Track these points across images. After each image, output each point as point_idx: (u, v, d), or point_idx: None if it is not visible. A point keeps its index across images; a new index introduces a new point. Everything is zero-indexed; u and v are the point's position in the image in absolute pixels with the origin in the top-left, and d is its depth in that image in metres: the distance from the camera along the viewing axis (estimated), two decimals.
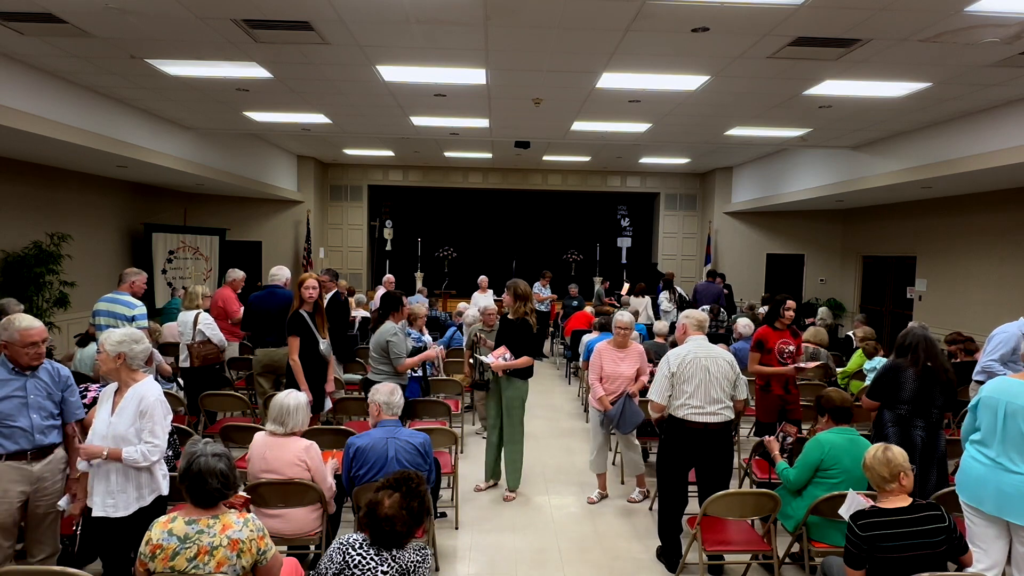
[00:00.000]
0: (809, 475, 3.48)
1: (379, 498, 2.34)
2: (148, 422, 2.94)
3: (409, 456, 3.48)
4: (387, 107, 7.31)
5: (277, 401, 3.44)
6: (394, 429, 3.58)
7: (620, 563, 3.97)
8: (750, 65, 5.37)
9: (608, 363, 4.80)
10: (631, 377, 4.80)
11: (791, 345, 4.83)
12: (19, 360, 3.02)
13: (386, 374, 4.92)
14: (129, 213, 10.25)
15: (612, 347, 4.88)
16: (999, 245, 8.50)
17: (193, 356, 5.51)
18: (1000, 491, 2.98)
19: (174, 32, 4.87)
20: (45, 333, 3.08)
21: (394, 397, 3.68)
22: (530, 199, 14.37)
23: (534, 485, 5.19)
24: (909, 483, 2.69)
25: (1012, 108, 6.23)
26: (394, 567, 2.28)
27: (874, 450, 2.74)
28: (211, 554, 2.29)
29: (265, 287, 5.84)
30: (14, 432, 3.02)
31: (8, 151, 7.08)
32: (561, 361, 10.17)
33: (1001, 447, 3.03)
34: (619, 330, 4.83)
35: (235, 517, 2.39)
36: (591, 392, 4.89)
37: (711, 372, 3.74)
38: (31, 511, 3.12)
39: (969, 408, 3.29)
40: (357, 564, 2.25)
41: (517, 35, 4.84)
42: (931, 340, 3.77)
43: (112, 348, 2.97)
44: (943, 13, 4.15)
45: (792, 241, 12.93)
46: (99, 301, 5.26)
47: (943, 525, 2.60)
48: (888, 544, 2.56)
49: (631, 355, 4.86)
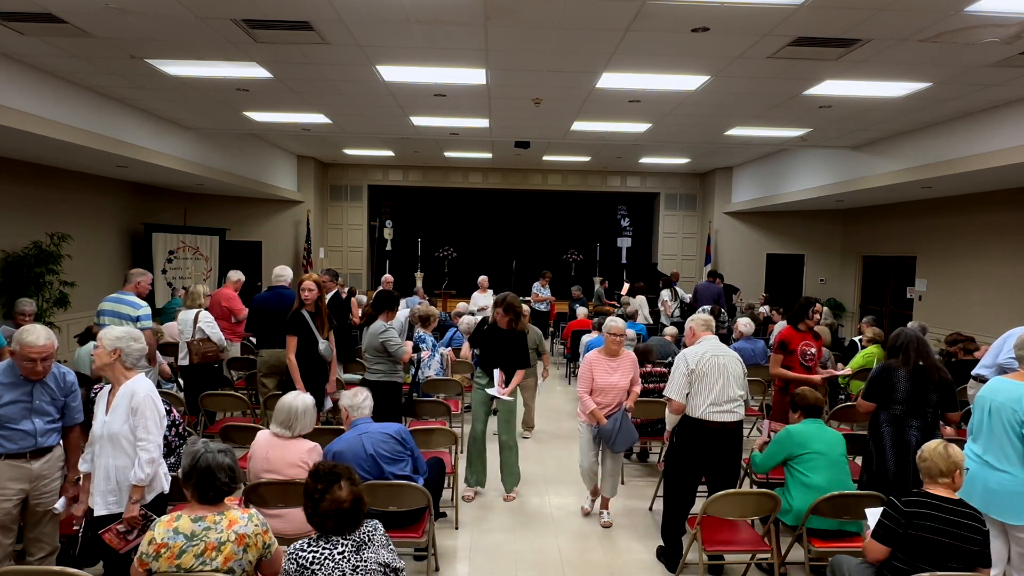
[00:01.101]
0: (775, 460, 3.74)
1: (334, 496, 2.31)
2: (140, 419, 2.94)
3: (387, 445, 3.52)
4: (387, 107, 7.30)
5: (285, 404, 3.42)
6: (366, 426, 3.61)
7: (620, 563, 3.97)
8: (750, 65, 5.37)
9: (600, 373, 4.39)
10: (625, 388, 4.42)
11: (813, 347, 4.82)
12: (20, 368, 3.04)
13: (382, 373, 4.93)
14: (129, 213, 10.24)
15: (604, 356, 4.43)
16: (999, 245, 8.50)
17: (192, 353, 5.56)
18: (987, 488, 3.07)
19: (174, 32, 4.87)
20: (47, 351, 3.01)
21: (357, 399, 3.71)
22: (530, 199, 14.37)
23: (534, 485, 5.19)
24: (960, 481, 2.71)
25: (1012, 108, 6.23)
26: (348, 544, 2.31)
27: (935, 444, 2.75)
28: (218, 550, 2.30)
29: (270, 288, 5.84)
30: (15, 434, 3.04)
31: (8, 151, 7.08)
32: (561, 361, 10.17)
33: (987, 444, 3.13)
34: (612, 337, 4.41)
35: (239, 512, 2.41)
36: (580, 405, 4.46)
37: (728, 370, 3.77)
38: (30, 509, 3.13)
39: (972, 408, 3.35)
40: (313, 561, 2.25)
41: (517, 35, 4.84)
42: (923, 340, 3.80)
43: (110, 343, 2.97)
44: (943, 13, 4.15)
45: (792, 241, 12.93)
46: (104, 301, 5.25)
47: (983, 528, 2.61)
48: (927, 524, 2.57)
49: (624, 364, 4.44)
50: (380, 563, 2.34)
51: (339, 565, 2.26)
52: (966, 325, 8.27)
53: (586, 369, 4.42)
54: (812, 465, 3.58)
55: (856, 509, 3.28)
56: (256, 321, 5.67)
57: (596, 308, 10.04)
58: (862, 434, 4.52)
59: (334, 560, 2.27)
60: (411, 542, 3.50)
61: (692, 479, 3.87)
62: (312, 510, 2.32)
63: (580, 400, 4.45)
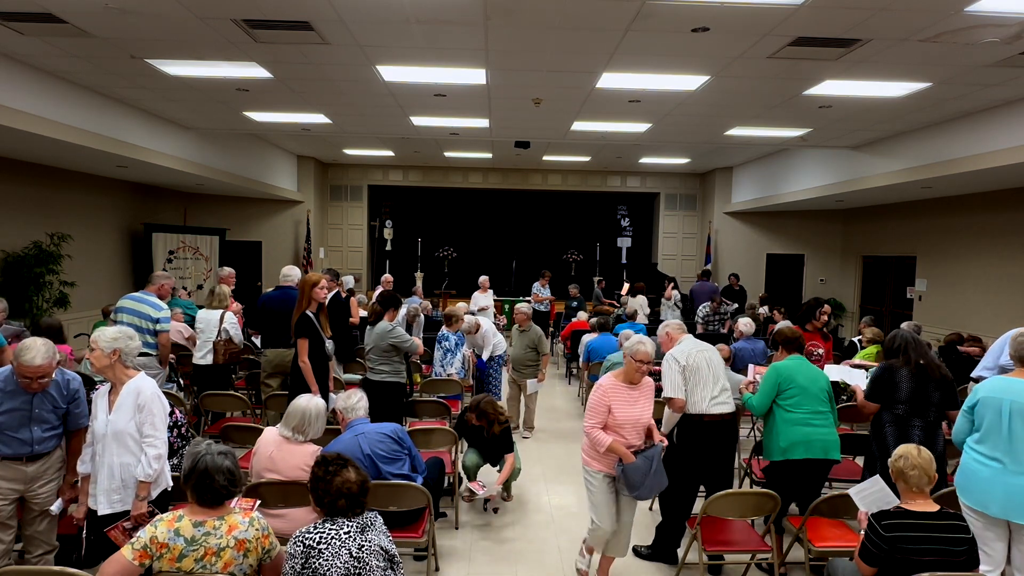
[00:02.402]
0: (771, 398, 3.82)
1: (344, 478, 2.44)
2: (148, 415, 2.97)
3: (383, 444, 3.52)
4: (387, 107, 7.31)
5: (299, 408, 3.39)
6: (362, 426, 3.61)
7: (620, 563, 3.96)
8: (750, 65, 5.37)
9: (620, 405, 3.43)
10: (648, 424, 3.54)
11: (820, 348, 4.85)
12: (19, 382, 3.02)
13: (385, 373, 4.92)
14: (129, 213, 10.25)
15: (622, 383, 3.49)
16: (999, 245, 8.50)
17: (218, 353, 5.64)
18: (1008, 495, 2.94)
19: (174, 32, 4.87)
20: (43, 372, 2.97)
21: (351, 400, 3.72)
22: (530, 199, 14.38)
23: (534, 485, 5.19)
24: None
25: (1012, 108, 6.24)
26: (353, 525, 2.41)
27: (916, 451, 2.69)
28: (218, 555, 2.30)
29: (277, 288, 5.80)
30: (12, 441, 3.04)
31: (8, 151, 7.09)
32: (561, 361, 10.17)
33: (1008, 448, 2.98)
34: (638, 364, 3.44)
35: (240, 517, 2.40)
36: (592, 441, 3.43)
37: (714, 361, 3.88)
38: (27, 509, 3.13)
39: (963, 410, 3.27)
40: (319, 541, 2.34)
41: (517, 35, 4.84)
42: (919, 340, 3.84)
43: (107, 345, 2.97)
44: (943, 13, 4.15)
45: (792, 241, 12.93)
46: (124, 299, 5.22)
47: (967, 536, 2.59)
48: (909, 547, 2.54)
49: (645, 391, 3.55)
50: (381, 546, 2.44)
51: (345, 544, 2.35)
52: (966, 325, 8.27)
53: (599, 400, 3.43)
54: (796, 400, 3.72)
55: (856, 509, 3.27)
56: (262, 320, 5.63)
57: (595, 308, 10.04)
58: (863, 434, 4.53)
59: (340, 539, 2.35)
60: (411, 542, 3.50)
61: (695, 480, 3.87)
62: (324, 491, 2.42)
63: (589, 438, 3.46)
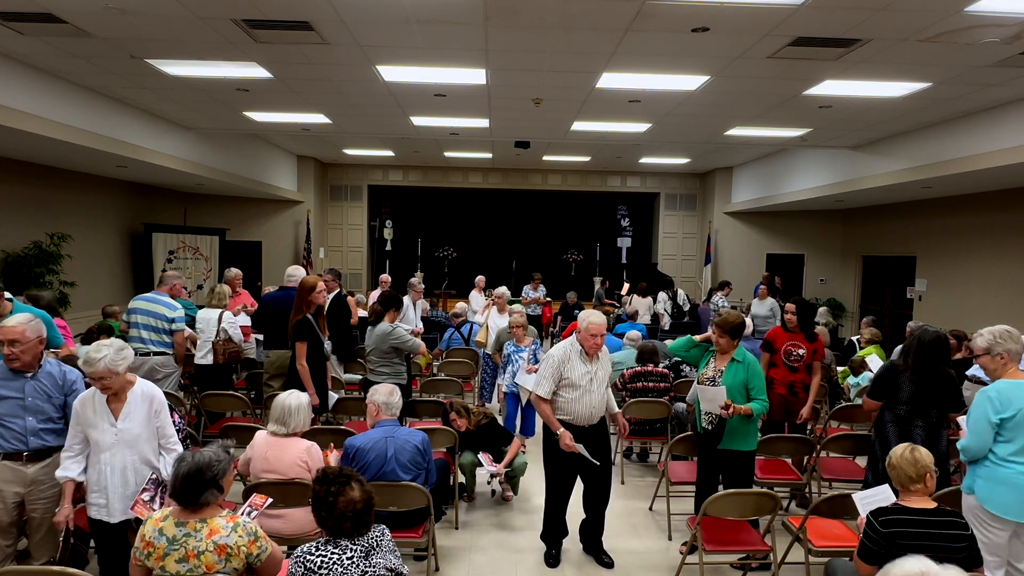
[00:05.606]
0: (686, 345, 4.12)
1: (349, 498, 2.31)
2: (165, 419, 3.01)
3: (409, 455, 3.48)
4: (387, 107, 7.31)
5: (279, 402, 3.43)
6: (392, 428, 3.58)
7: (620, 563, 3.97)
8: (750, 65, 5.37)
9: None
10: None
11: (801, 348, 4.77)
12: None
13: (386, 375, 4.92)
14: (129, 213, 10.25)
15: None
16: (999, 245, 8.50)
17: (218, 353, 5.64)
18: None
19: (174, 32, 4.87)
20: (14, 334, 2.95)
21: (392, 398, 3.68)
22: (530, 199, 14.38)
23: (534, 485, 5.18)
24: (932, 484, 2.67)
25: (1012, 108, 6.23)
26: (357, 548, 2.30)
27: (901, 450, 2.70)
28: (199, 558, 2.28)
29: (280, 288, 5.78)
30: (8, 432, 3.03)
31: (8, 151, 7.09)
32: None
33: None
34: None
35: (224, 522, 2.35)
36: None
37: None
38: (28, 514, 3.12)
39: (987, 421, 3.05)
40: (321, 564, 2.23)
41: (517, 35, 4.84)
42: (924, 344, 3.77)
43: (120, 365, 2.87)
44: (943, 13, 4.15)
45: (792, 241, 12.93)
46: (136, 299, 5.20)
47: (965, 533, 2.58)
48: (907, 543, 2.52)
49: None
50: (388, 568, 2.33)
51: (347, 570, 2.24)
52: (966, 325, 8.24)
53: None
54: None
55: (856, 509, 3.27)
56: (265, 320, 5.61)
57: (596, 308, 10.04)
58: (863, 434, 4.54)
59: (343, 565, 2.24)
60: (411, 542, 3.50)
61: (571, 471, 3.90)
62: (327, 513, 2.31)
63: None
